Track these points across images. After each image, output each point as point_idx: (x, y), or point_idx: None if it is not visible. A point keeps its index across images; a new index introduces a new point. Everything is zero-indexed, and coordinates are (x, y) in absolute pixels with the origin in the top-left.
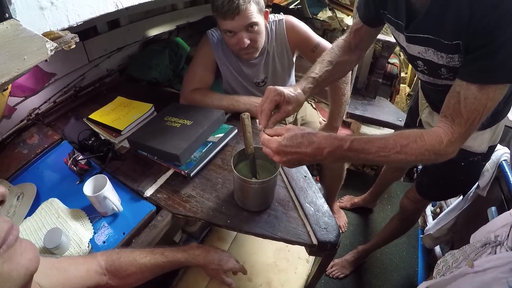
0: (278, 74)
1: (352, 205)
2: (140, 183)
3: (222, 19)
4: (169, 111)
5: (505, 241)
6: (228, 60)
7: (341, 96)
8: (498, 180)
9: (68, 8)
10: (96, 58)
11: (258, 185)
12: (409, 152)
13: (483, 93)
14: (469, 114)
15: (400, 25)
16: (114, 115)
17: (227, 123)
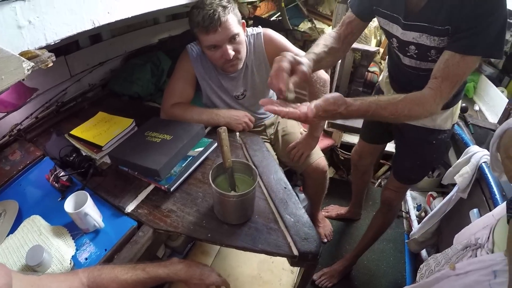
0: (257, 87)
1: (337, 215)
2: (121, 199)
3: (205, 34)
4: (149, 126)
5: (485, 243)
6: (207, 75)
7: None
8: (479, 182)
9: (45, 26)
10: (78, 73)
11: (236, 198)
12: (414, 114)
13: (464, 61)
14: (453, 77)
15: (396, 17)
16: (95, 131)
17: (207, 137)
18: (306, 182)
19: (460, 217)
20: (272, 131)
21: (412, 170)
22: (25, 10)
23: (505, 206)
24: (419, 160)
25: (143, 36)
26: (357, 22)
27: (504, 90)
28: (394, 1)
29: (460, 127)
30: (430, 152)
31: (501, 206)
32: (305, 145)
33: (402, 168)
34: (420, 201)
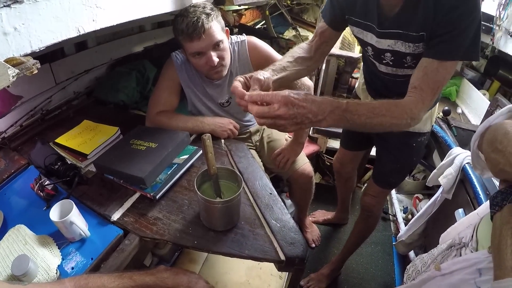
0: None
1: (324, 221)
2: (107, 207)
3: (189, 41)
4: (134, 134)
5: (469, 242)
6: (192, 82)
7: None
8: (463, 183)
9: (30, 33)
10: (63, 81)
11: (222, 204)
12: (392, 115)
13: (443, 67)
14: (433, 84)
15: (369, 25)
16: (80, 139)
17: (192, 144)
18: (293, 188)
19: (445, 217)
20: (258, 138)
21: (392, 174)
22: (11, 16)
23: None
24: (399, 164)
25: (128, 43)
26: (330, 32)
27: (486, 92)
28: (367, 10)
29: (443, 130)
30: (410, 155)
31: (485, 204)
32: (290, 151)
33: (382, 173)
34: (406, 204)
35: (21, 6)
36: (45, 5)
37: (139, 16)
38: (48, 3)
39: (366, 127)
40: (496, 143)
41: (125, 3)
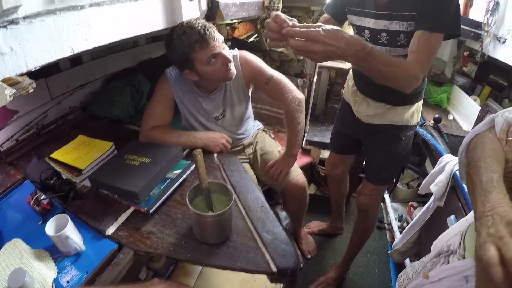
0: (236, 107)
1: (319, 231)
2: (102, 221)
3: (204, 48)
4: (128, 149)
5: (457, 249)
6: (186, 98)
7: (297, 124)
8: (455, 190)
9: (26, 53)
10: (58, 95)
11: (213, 218)
12: (403, 68)
13: (433, 37)
14: (426, 49)
15: (367, 12)
16: (76, 154)
17: (185, 159)
18: (286, 199)
19: (438, 225)
20: (251, 151)
21: (383, 168)
22: (7, 37)
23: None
24: (389, 157)
25: (123, 58)
26: (332, 21)
27: (477, 98)
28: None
29: (434, 137)
30: (400, 149)
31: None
32: (283, 163)
33: (374, 168)
34: (401, 212)
35: (17, 27)
36: (40, 25)
37: (132, 34)
38: (43, 23)
39: (381, 74)
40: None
41: (117, 22)
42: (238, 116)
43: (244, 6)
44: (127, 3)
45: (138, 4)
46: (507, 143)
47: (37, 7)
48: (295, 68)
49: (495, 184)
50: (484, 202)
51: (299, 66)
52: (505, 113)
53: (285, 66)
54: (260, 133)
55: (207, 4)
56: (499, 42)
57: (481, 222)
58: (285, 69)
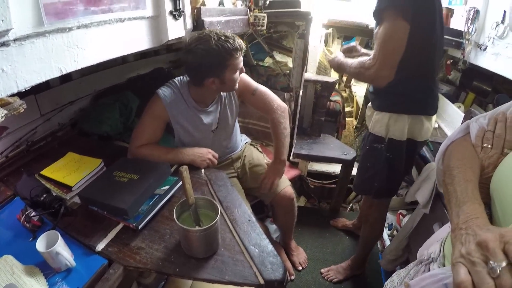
0: (229, 119)
1: (342, 226)
2: (92, 237)
3: (239, 55)
4: (117, 166)
5: (437, 257)
6: (184, 117)
7: (283, 130)
8: (440, 197)
9: (17, 74)
10: (48, 112)
11: (200, 232)
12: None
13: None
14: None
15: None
16: (65, 171)
17: (173, 175)
18: (276, 211)
19: (426, 232)
20: (239, 165)
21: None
22: None
23: None
24: (359, 164)
25: (112, 75)
26: None
27: (461, 105)
28: None
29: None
30: (365, 158)
31: None
32: (273, 171)
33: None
34: (391, 221)
35: (7, 48)
36: (30, 47)
37: (119, 54)
38: (33, 45)
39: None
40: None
41: (104, 43)
42: (230, 128)
43: (229, 23)
44: (114, 24)
45: (124, 24)
46: (483, 149)
47: (27, 29)
48: (282, 83)
49: (469, 194)
50: (459, 213)
51: (286, 81)
52: (480, 119)
53: (272, 81)
54: (247, 147)
55: (192, 22)
56: (480, 49)
57: (455, 234)
58: (272, 83)
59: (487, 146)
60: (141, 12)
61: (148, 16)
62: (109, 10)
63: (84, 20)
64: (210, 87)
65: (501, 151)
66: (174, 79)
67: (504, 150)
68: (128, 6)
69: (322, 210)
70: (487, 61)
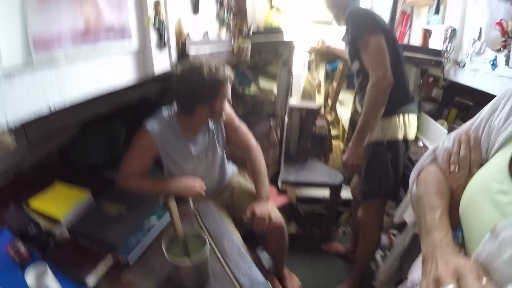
0: (217, 148)
1: (335, 250)
2: (82, 271)
3: (227, 85)
4: (106, 198)
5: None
6: (173, 147)
7: (264, 168)
8: None
9: (6, 110)
10: (35, 141)
11: (190, 265)
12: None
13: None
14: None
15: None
16: (53, 203)
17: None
18: (267, 240)
19: (417, 251)
20: (228, 194)
21: (361, 184)
22: None
23: None
24: (364, 173)
25: (99, 103)
26: None
27: (444, 122)
28: None
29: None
30: (370, 164)
31: None
32: (263, 209)
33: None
34: (383, 241)
35: None
36: (19, 83)
37: (108, 89)
38: (21, 81)
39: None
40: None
41: (92, 78)
42: (218, 158)
43: (214, 54)
44: (100, 58)
45: (111, 59)
46: (450, 173)
47: (15, 65)
48: (267, 110)
49: (436, 223)
50: (427, 243)
51: (271, 108)
52: (445, 143)
53: (258, 108)
54: (235, 177)
55: (177, 56)
56: (459, 66)
57: (424, 265)
58: (257, 110)
59: (454, 168)
60: (127, 46)
61: (134, 50)
62: (96, 45)
63: (72, 55)
64: (200, 115)
65: (468, 171)
66: (161, 110)
67: (473, 170)
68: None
69: (313, 235)
70: (467, 77)
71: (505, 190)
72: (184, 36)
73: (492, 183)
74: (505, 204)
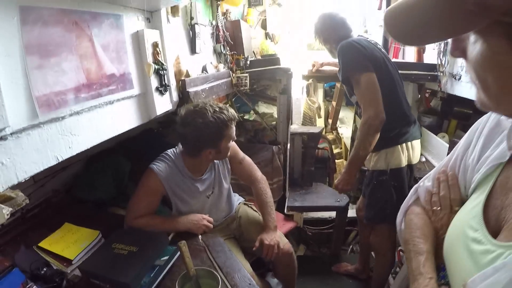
0: (223, 184)
1: (345, 271)
2: None
3: (232, 126)
4: (115, 238)
5: None
6: (181, 188)
7: (270, 198)
8: None
9: (16, 166)
10: (41, 178)
11: None
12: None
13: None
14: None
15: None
16: (63, 243)
17: (171, 244)
18: (276, 267)
19: None
20: (235, 226)
21: (366, 209)
22: None
23: None
24: (368, 200)
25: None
26: None
27: (445, 135)
28: None
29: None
30: (374, 192)
31: None
32: (271, 239)
33: (369, 211)
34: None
35: (5, 142)
36: (27, 139)
37: (112, 135)
38: (29, 137)
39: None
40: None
41: (97, 127)
42: (224, 192)
43: (213, 89)
44: (104, 107)
45: (114, 106)
46: (433, 212)
47: (22, 122)
48: (269, 136)
49: (421, 269)
50: None
51: (273, 134)
52: (425, 182)
53: (260, 135)
54: (242, 207)
55: (178, 95)
56: (455, 79)
57: None
58: (259, 137)
59: (436, 208)
60: (128, 92)
61: (136, 94)
62: (99, 95)
63: (76, 107)
64: (206, 157)
65: (450, 210)
66: (167, 152)
67: (454, 208)
68: (116, 88)
69: (322, 256)
70: (463, 89)
71: (479, 239)
72: (183, 73)
73: (467, 230)
74: (478, 254)
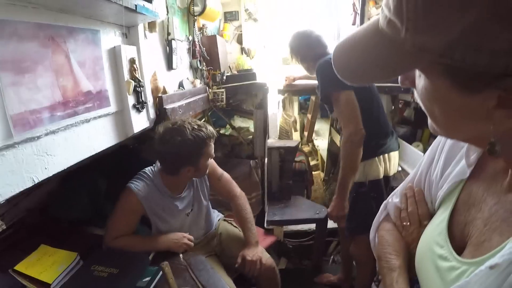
0: (202, 201)
1: (327, 282)
2: None
3: (211, 144)
4: (95, 260)
5: None
6: (160, 207)
7: (250, 214)
8: None
9: None
10: (14, 197)
11: None
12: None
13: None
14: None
15: None
16: (40, 267)
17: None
18: (259, 282)
19: None
20: (216, 242)
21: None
22: None
23: None
24: (349, 211)
25: None
26: None
27: (420, 143)
28: None
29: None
30: (354, 204)
31: None
32: (254, 254)
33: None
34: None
35: None
36: (1, 160)
37: (88, 154)
38: (3, 158)
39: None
40: None
41: (73, 146)
42: (204, 209)
43: (190, 105)
44: (80, 125)
45: (90, 124)
46: (404, 228)
47: None
48: (246, 151)
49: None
50: None
51: (250, 149)
52: (393, 198)
53: (237, 150)
54: (221, 223)
55: (155, 111)
56: None
57: None
58: (237, 152)
59: (406, 223)
60: (105, 110)
61: (113, 112)
62: (75, 113)
63: (51, 126)
64: (185, 175)
65: (419, 225)
66: (145, 170)
67: (423, 223)
68: (93, 106)
69: (304, 269)
70: None
71: (445, 255)
72: (160, 90)
73: (434, 247)
74: (444, 271)
